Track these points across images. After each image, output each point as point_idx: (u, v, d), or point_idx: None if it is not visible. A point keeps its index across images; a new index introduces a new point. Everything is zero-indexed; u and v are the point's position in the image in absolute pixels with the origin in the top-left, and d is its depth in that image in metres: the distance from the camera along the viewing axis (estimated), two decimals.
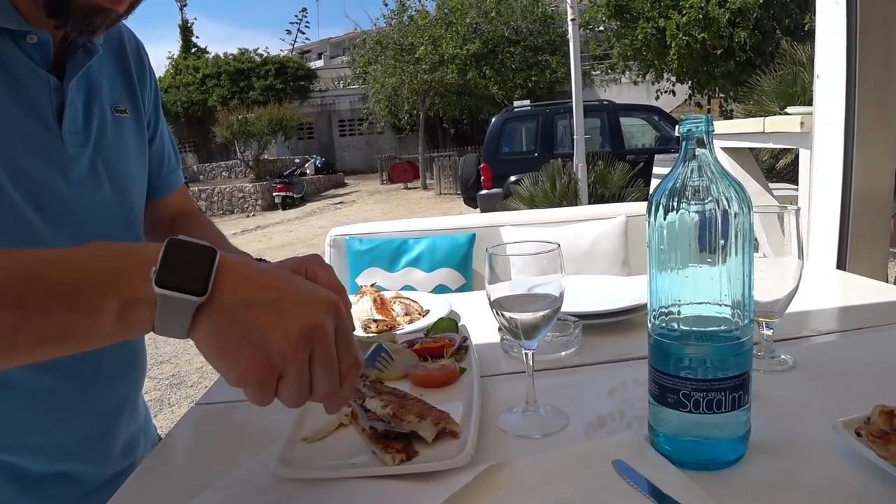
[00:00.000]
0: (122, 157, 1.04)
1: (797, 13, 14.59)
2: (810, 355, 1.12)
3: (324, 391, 0.65)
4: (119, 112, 1.05)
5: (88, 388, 1.02)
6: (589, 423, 0.90)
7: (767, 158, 8.15)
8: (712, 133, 0.75)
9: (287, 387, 0.63)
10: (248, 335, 0.61)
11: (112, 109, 1.04)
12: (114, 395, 1.08)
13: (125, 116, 1.07)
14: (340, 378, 0.66)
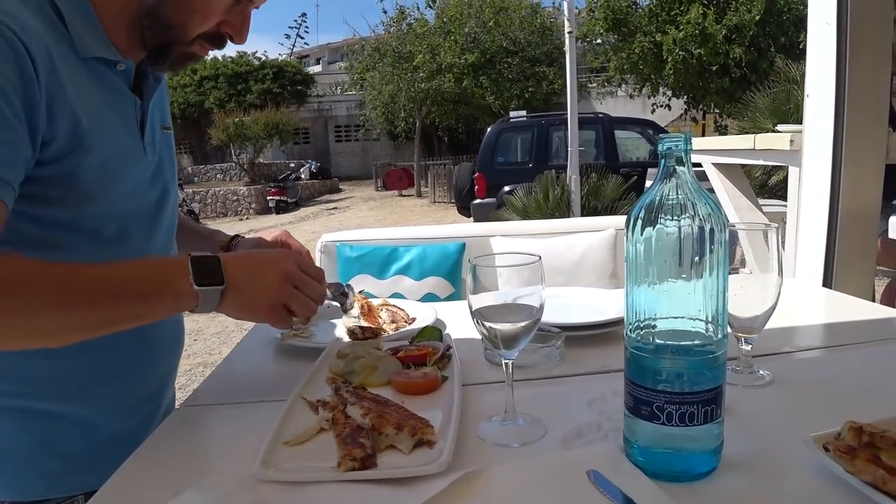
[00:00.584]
0: (167, 165, 1.26)
1: (793, 31, 14.71)
2: (789, 371, 1.14)
3: (316, 298, 1.10)
4: (165, 129, 1.27)
5: (148, 354, 1.25)
6: (566, 434, 0.91)
7: (760, 175, 8.20)
8: (690, 151, 0.76)
9: (295, 305, 1.06)
10: (254, 293, 1.03)
11: (161, 127, 1.25)
12: (164, 363, 1.32)
13: (168, 133, 1.29)
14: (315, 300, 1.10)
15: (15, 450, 1.11)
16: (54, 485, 1.14)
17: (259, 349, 1.44)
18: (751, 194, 3.48)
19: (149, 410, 1.28)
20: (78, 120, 0.99)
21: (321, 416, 0.97)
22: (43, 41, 0.95)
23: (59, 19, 1.00)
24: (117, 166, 1.09)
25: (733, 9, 14.88)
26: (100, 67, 1.06)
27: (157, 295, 0.97)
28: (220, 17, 1.10)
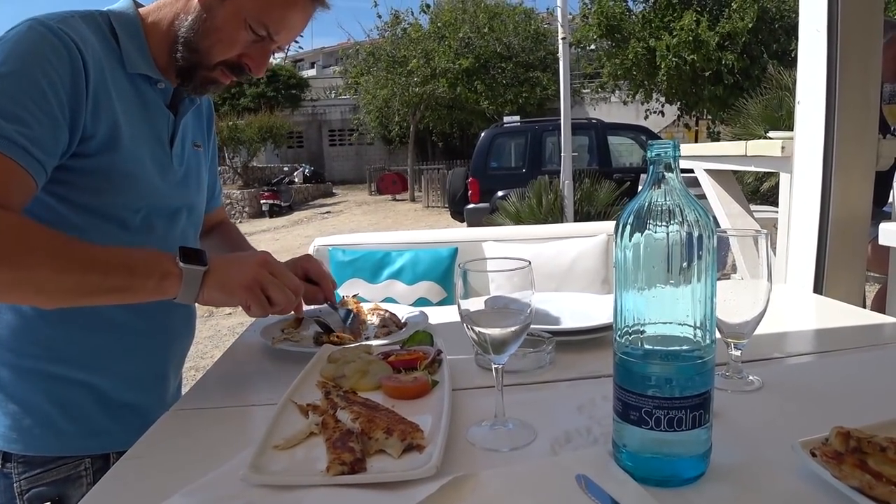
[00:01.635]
0: (193, 177, 1.40)
1: (785, 39, 14.80)
2: (778, 377, 1.14)
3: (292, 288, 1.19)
4: (196, 146, 1.42)
5: (160, 333, 1.37)
6: (556, 438, 0.92)
7: (752, 181, 8.24)
8: (679, 158, 0.77)
9: (273, 292, 1.16)
10: (233, 278, 1.13)
11: (192, 144, 1.40)
12: (175, 344, 1.44)
13: (199, 150, 1.44)
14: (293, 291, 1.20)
15: (35, 408, 1.24)
16: (66, 444, 1.26)
17: (249, 353, 1.44)
18: (742, 200, 3.49)
19: (157, 388, 1.41)
20: (118, 123, 1.16)
21: (311, 420, 0.96)
22: (97, 53, 1.13)
23: (114, 39, 1.20)
24: (145, 168, 1.24)
25: (726, 16, 14.97)
26: (142, 83, 1.25)
27: (144, 271, 1.08)
28: (241, 49, 1.24)
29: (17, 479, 1.24)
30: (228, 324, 7.27)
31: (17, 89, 1.03)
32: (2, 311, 1.22)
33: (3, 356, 1.23)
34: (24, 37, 1.06)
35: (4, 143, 1.00)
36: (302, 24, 1.28)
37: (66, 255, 1.04)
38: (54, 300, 1.08)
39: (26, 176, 1.03)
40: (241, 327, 7.07)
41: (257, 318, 1.26)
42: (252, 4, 1.20)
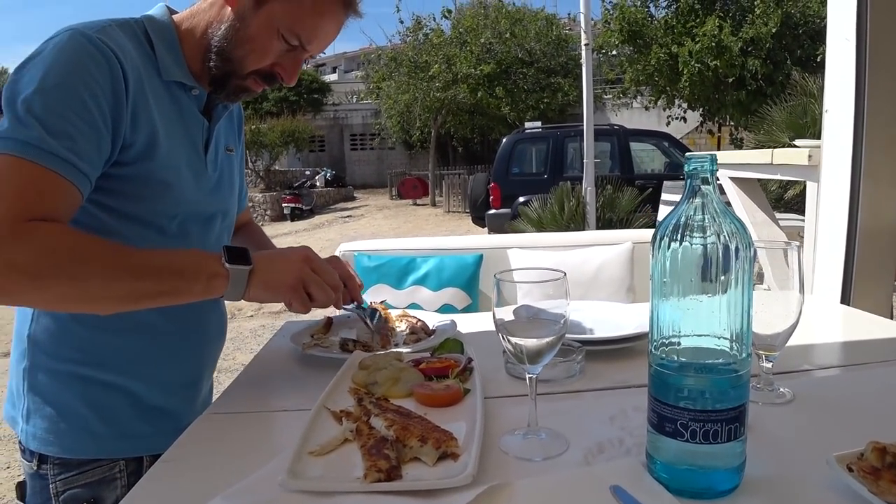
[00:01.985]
0: (226, 182, 1.43)
1: (809, 44, 14.64)
2: (810, 389, 1.14)
3: (333, 285, 1.22)
4: (228, 151, 1.45)
5: (193, 337, 1.40)
6: (588, 449, 0.92)
7: (776, 188, 8.16)
8: (716, 172, 0.78)
9: (314, 290, 1.19)
10: (277, 276, 1.17)
11: (224, 149, 1.43)
12: (208, 348, 1.46)
13: (231, 155, 1.47)
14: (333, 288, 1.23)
15: (71, 411, 1.26)
16: (101, 447, 1.28)
17: (279, 359, 1.46)
18: (768, 209, 3.47)
19: (189, 393, 1.43)
20: (156, 131, 1.18)
21: (345, 426, 0.98)
22: (135, 63, 1.16)
23: (150, 47, 1.22)
24: (181, 175, 1.26)
25: (749, 21, 14.84)
26: (177, 90, 1.26)
27: (193, 274, 1.11)
28: (273, 58, 1.26)
29: (52, 481, 1.26)
30: (251, 326, 7.32)
31: (60, 103, 1.05)
32: (39, 316, 1.24)
33: (41, 360, 1.25)
34: (65, 48, 1.08)
35: (51, 159, 1.02)
36: (334, 34, 1.28)
37: (118, 263, 1.07)
38: (108, 308, 1.12)
39: (72, 188, 1.06)
40: (262, 329, 7.12)
41: (297, 313, 1.26)
42: (285, 14, 1.21)
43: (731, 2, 15.68)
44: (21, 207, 1.00)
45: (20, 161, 1.01)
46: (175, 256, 1.15)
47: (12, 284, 0.99)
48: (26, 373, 1.26)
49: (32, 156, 1.01)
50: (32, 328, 1.25)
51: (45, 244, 1.01)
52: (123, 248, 1.09)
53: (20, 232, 0.99)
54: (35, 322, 1.24)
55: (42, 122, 1.03)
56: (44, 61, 1.07)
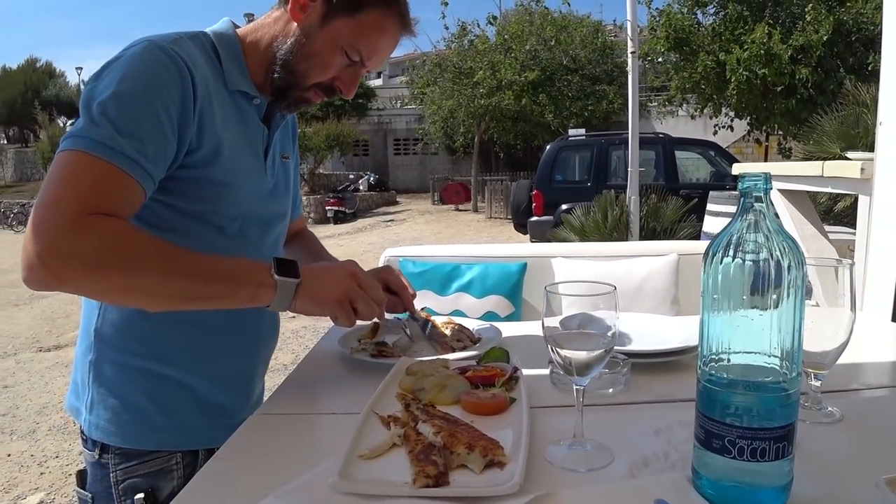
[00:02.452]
0: (282, 187, 1.49)
1: (862, 52, 14.28)
2: (859, 409, 1.13)
3: (378, 300, 1.28)
4: (284, 158, 1.51)
5: (250, 335, 1.46)
6: (633, 462, 0.93)
7: (826, 200, 7.99)
8: (770, 190, 0.78)
9: (360, 305, 1.25)
10: (324, 291, 1.23)
11: (280, 155, 1.49)
12: (263, 346, 1.52)
13: (286, 162, 1.53)
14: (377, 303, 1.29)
15: (134, 404, 1.32)
16: (160, 439, 1.34)
17: (328, 361, 1.49)
18: (817, 222, 3.41)
19: (244, 389, 1.49)
20: (220, 137, 1.25)
21: (393, 431, 1.00)
22: (204, 73, 1.23)
23: (217, 59, 1.30)
24: (242, 179, 1.32)
25: (800, 28, 14.54)
26: (240, 99, 1.33)
27: (241, 281, 1.17)
28: (335, 72, 1.34)
29: (113, 469, 1.32)
30: (292, 327, 7.41)
31: (133, 108, 1.12)
32: (106, 311, 1.31)
33: (108, 353, 1.32)
34: (140, 58, 1.15)
35: (119, 157, 1.09)
36: (391, 50, 1.36)
37: (172, 262, 1.12)
38: (158, 304, 1.17)
39: (137, 186, 1.12)
40: (304, 330, 7.21)
41: (342, 326, 1.32)
42: (349, 32, 1.29)
43: (780, 9, 15.40)
44: (86, 201, 1.07)
45: (90, 157, 1.08)
46: (226, 263, 1.20)
47: (72, 272, 1.05)
48: (92, 365, 1.32)
49: (102, 153, 1.08)
50: (99, 323, 1.31)
51: (104, 238, 1.07)
52: (178, 249, 1.14)
53: (83, 224, 1.05)
54: (102, 317, 1.31)
55: (114, 123, 1.09)
56: (120, 69, 1.14)
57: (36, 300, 10.23)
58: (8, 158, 35.87)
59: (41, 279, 1.05)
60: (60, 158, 1.09)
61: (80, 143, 1.09)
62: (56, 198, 1.06)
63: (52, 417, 4.97)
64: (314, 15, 1.29)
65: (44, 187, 1.08)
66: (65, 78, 46.80)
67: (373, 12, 1.29)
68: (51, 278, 1.05)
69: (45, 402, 5.36)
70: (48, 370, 6.35)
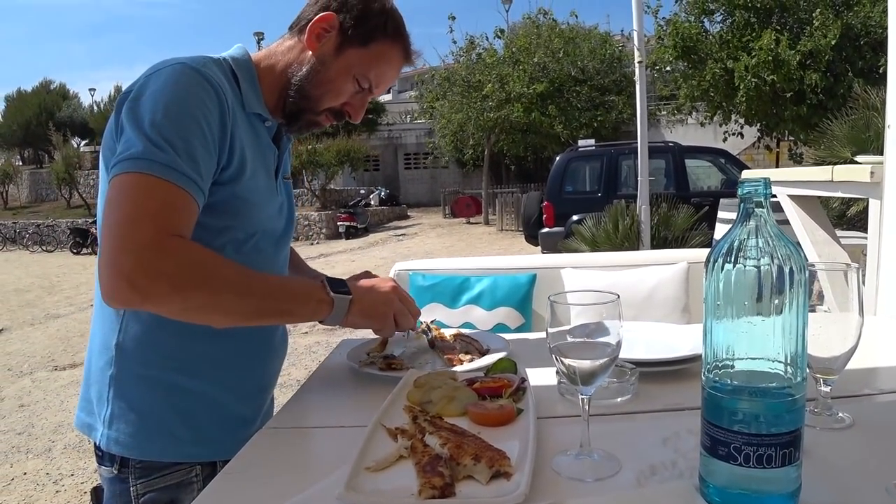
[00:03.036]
0: (287, 206, 1.54)
1: (871, 56, 14.22)
2: (870, 414, 1.12)
3: (414, 313, 1.44)
4: (286, 179, 1.56)
5: (264, 350, 1.50)
6: (641, 471, 0.92)
7: (838, 205, 7.94)
8: (770, 195, 0.78)
9: (401, 318, 1.40)
10: (374, 307, 1.36)
11: (283, 176, 1.53)
12: (276, 359, 1.57)
13: (288, 182, 1.58)
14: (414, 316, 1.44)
15: (156, 416, 1.35)
16: (181, 451, 1.37)
17: (336, 375, 1.49)
18: (828, 226, 3.39)
19: (259, 401, 1.53)
20: (245, 156, 1.32)
21: (400, 443, 1.00)
22: (230, 96, 1.29)
23: (236, 82, 1.35)
24: (260, 196, 1.38)
25: (808, 34, 14.51)
26: (256, 121, 1.40)
27: (305, 298, 1.28)
28: (345, 98, 1.43)
29: (133, 483, 1.34)
30: (305, 342, 7.44)
31: (184, 128, 1.17)
32: (128, 324, 1.33)
33: (130, 367, 1.34)
34: (179, 79, 1.21)
35: (184, 179, 1.15)
36: (395, 78, 1.49)
37: (247, 282, 1.22)
38: (232, 321, 1.25)
39: (195, 205, 1.19)
40: (317, 346, 7.23)
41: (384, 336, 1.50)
42: (361, 61, 1.39)
43: (787, 14, 15.38)
44: (161, 222, 1.12)
45: (158, 180, 1.13)
46: (289, 282, 1.39)
47: (159, 290, 1.11)
48: (113, 380, 1.34)
49: (169, 176, 1.14)
50: (121, 337, 1.33)
51: (189, 258, 1.15)
52: (249, 270, 1.24)
53: (167, 245, 1.12)
54: (123, 332, 1.33)
55: (173, 145, 1.15)
56: (161, 89, 1.20)
57: (51, 319, 10.31)
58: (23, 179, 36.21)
59: (128, 298, 1.11)
60: (126, 180, 1.13)
61: (146, 166, 1.13)
62: (133, 218, 1.11)
63: (68, 436, 5.00)
64: (329, 45, 1.38)
65: (113, 209, 1.13)
66: (78, 99, 47.25)
67: (383, 44, 1.40)
68: (137, 296, 1.10)
69: (60, 420, 5.39)
70: (63, 389, 6.39)
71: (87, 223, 23.11)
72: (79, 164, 31.53)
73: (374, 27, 1.38)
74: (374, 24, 1.38)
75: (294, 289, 1.31)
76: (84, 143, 41.51)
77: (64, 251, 22.46)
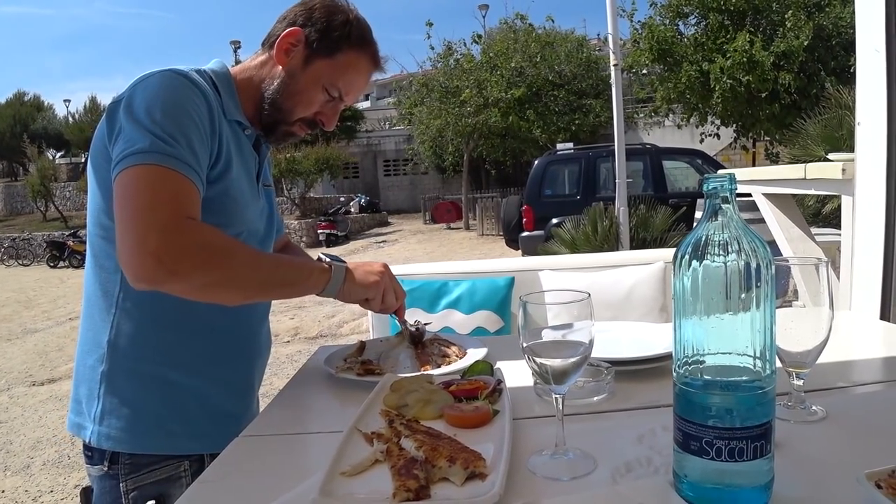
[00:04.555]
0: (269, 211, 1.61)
1: (843, 55, 14.45)
2: (843, 407, 1.13)
3: (400, 294, 1.55)
4: (266, 186, 1.62)
5: (251, 346, 1.57)
6: (616, 468, 0.92)
7: (813, 203, 8.03)
8: (735, 191, 0.78)
9: (388, 295, 1.50)
10: (368, 276, 1.47)
11: (263, 184, 1.59)
12: (260, 357, 1.62)
13: (269, 189, 1.65)
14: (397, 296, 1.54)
15: (150, 410, 1.39)
16: (174, 444, 1.41)
17: (313, 382, 1.48)
18: (803, 224, 3.43)
19: (247, 398, 1.58)
20: (230, 156, 1.39)
21: (376, 447, 1.00)
22: (213, 99, 1.36)
23: (216, 91, 1.41)
24: (244, 196, 1.45)
25: (781, 35, 14.71)
26: (237, 128, 1.46)
27: (308, 269, 1.39)
28: (317, 108, 1.49)
29: (123, 479, 1.37)
30: (287, 351, 7.40)
31: (183, 125, 1.25)
32: (120, 321, 1.38)
33: (122, 362, 1.38)
34: (168, 82, 1.29)
35: (189, 170, 1.23)
36: (365, 86, 1.55)
37: (256, 257, 1.32)
38: (244, 295, 1.34)
39: (198, 192, 1.26)
40: (298, 354, 7.19)
41: (373, 311, 1.59)
42: (329, 71, 1.45)
43: (761, 16, 15.58)
44: (180, 207, 1.20)
45: (169, 171, 1.21)
46: (290, 258, 1.52)
47: (185, 266, 1.18)
48: (104, 376, 1.38)
49: (177, 166, 1.21)
50: (112, 334, 1.38)
51: (206, 238, 1.23)
52: (252, 248, 1.36)
53: (186, 226, 1.19)
54: (115, 329, 1.38)
55: (175, 138, 1.22)
56: (156, 92, 1.27)
57: (29, 334, 10.18)
58: None
59: (154, 276, 1.17)
60: (138, 172, 1.20)
61: (154, 157, 1.20)
62: (152, 204, 1.18)
63: (47, 452, 4.93)
64: (297, 58, 1.44)
65: (129, 199, 1.19)
66: (53, 111, 46.82)
67: (349, 54, 1.45)
68: (165, 273, 1.17)
69: (39, 436, 5.31)
70: (42, 404, 6.30)
71: (63, 236, 22.82)
72: (54, 177, 31.25)
73: (339, 38, 1.44)
74: (339, 34, 1.44)
75: (297, 263, 1.43)
76: (60, 154, 41.14)
77: (41, 265, 22.17)
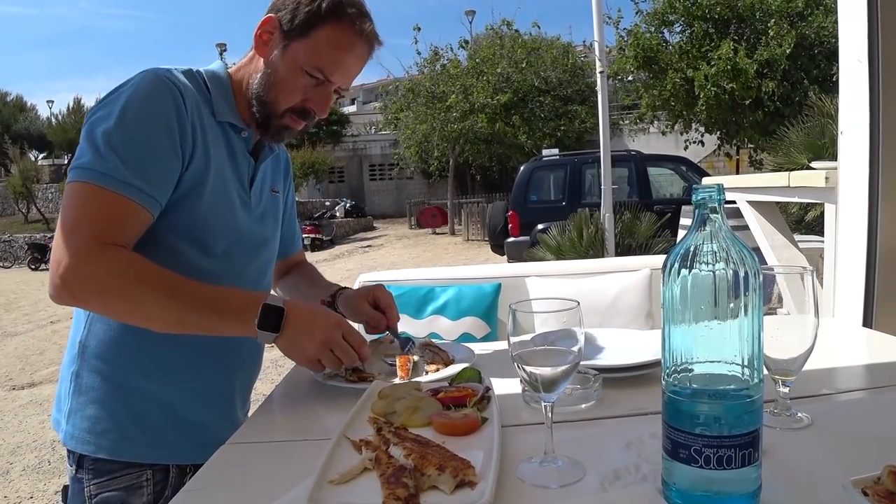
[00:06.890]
0: (270, 219, 1.59)
1: (825, 64, 14.61)
2: (829, 414, 1.14)
3: (347, 362, 1.32)
4: (274, 192, 1.60)
5: (229, 359, 1.50)
6: (605, 476, 0.93)
7: (797, 210, 8.11)
8: (723, 201, 0.79)
9: (340, 353, 1.30)
10: (299, 346, 1.29)
11: (270, 189, 1.58)
12: (240, 371, 1.57)
13: (276, 196, 1.62)
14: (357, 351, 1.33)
15: (110, 414, 1.38)
16: (132, 451, 1.39)
17: (302, 389, 1.47)
18: (787, 231, 3.45)
19: (220, 410, 1.53)
20: (209, 157, 1.36)
21: (365, 455, 0.99)
22: (195, 99, 1.35)
23: (207, 91, 1.41)
24: (228, 203, 1.42)
25: (764, 43, 14.85)
26: (229, 130, 1.44)
27: (232, 320, 1.28)
28: (303, 94, 1.41)
29: (87, 485, 1.37)
30: (271, 356, 7.33)
31: (136, 136, 1.24)
32: (93, 324, 1.39)
33: (90, 364, 1.39)
34: (139, 87, 1.28)
35: (125, 187, 1.21)
36: (356, 65, 1.44)
37: (171, 294, 1.24)
38: (160, 328, 1.28)
39: (143, 211, 1.25)
40: (283, 360, 7.13)
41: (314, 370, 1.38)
42: (306, 52, 1.37)
43: (744, 25, 15.72)
44: (98, 231, 1.20)
45: (99, 189, 1.20)
46: (222, 297, 1.31)
47: (85, 293, 1.21)
48: (74, 376, 1.40)
49: (109, 184, 1.20)
50: (84, 335, 1.39)
51: (115, 267, 1.21)
52: (179, 280, 1.26)
53: (96, 253, 1.19)
54: (88, 330, 1.39)
55: (118, 153, 1.21)
56: (120, 99, 1.26)
57: (9, 337, 10.06)
58: None
59: (62, 297, 1.20)
60: (71, 189, 1.22)
61: (87, 175, 1.20)
62: (72, 226, 1.19)
63: (27, 457, 4.87)
64: (275, 47, 1.39)
65: (61, 215, 1.21)
66: (36, 111, 46.30)
67: (325, 29, 1.37)
68: (69, 297, 1.20)
69: (19, 441, 5.25)
70: (22, 409, 6.23)
71: (45, 238, 22.58)
72: (36, 178, 30.90)
73: (309, 14, 1.36)
74: (308, 10, 1.36)
75: (224, 308, 1.28)
76: (42, 156, 40.70)
77: (22, 267, 21.92)
